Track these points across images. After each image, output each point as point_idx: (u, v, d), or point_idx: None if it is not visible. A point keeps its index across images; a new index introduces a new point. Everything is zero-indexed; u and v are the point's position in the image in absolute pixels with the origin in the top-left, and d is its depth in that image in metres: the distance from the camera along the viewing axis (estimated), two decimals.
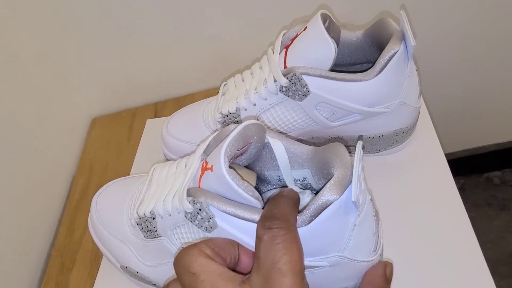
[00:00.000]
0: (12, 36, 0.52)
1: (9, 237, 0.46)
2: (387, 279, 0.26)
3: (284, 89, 0.36)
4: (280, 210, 0.24)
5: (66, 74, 0.61)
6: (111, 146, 0.59)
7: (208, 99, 0.46)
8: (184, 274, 0.22)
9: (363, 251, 0.27)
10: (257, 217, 0.24)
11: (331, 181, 0.24)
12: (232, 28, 0.59)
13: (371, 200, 0.27)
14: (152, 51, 0.61)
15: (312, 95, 0.35)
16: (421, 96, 0.41)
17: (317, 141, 0.42)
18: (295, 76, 0.35)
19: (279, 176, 0.31)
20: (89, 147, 0.61)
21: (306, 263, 0.26)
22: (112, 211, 0.38)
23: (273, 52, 0.38)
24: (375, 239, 0.28)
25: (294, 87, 0.35)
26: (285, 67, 0.36)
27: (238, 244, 0.26)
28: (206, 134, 0.43)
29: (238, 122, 0.40)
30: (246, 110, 0.39)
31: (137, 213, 0.33)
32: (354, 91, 0.35)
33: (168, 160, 0.47)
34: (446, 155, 0.43)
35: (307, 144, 0.29)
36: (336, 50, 0.34)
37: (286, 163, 0.29)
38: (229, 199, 0.26)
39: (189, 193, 0.27)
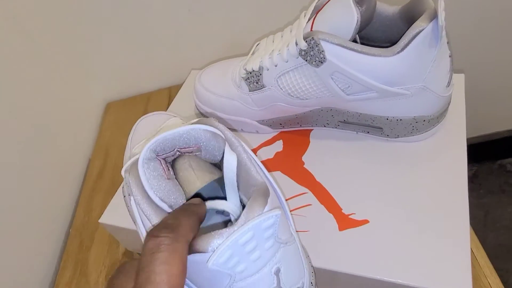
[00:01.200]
0: (30, 23, 0.55)
1: (29, 217, 0.49)
2: None
3: (303, 52, 0.36)
4: (174, 220, 0.22)
5: (81, 60, 0.65)
6: (126, 129, 0.61)
7: (241, 58, 0.47)
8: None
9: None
10: None
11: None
12: (248, 11, 0.58)
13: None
14: (165, 35, 0.63)
15: (328, 63, 0.35)
16: (453, 86, 0.39)
17: (335, 115, 0.42)
18: (314, 41, 0.35)
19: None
20: (104, 131, 0.64)
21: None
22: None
23: (304, 16, 0.38)
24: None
25: (312, 52, 0.35)
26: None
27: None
28: (232, 88, 0.44)
29: (259, 81, 0.41)
30: (268, 70, 0.40)
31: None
32: (372, 66, 0.34)
33: (199, 110, 0.50)
34: None
35: None
36: (359, 20, 0.33)
37: (232, 181, 0.27)
38: None
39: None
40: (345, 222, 0.36)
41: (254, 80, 0.42)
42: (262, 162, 0.43)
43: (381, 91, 0.36)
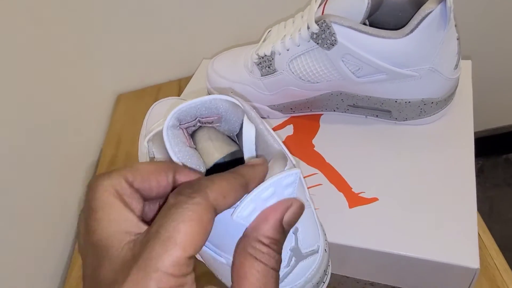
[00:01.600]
0: (42, 14, 0.56)
1: (42, 207, 0.51)
2: (284, 227, 0.22)
3: (314, 36, 0.37)
4: (209, 183, 0.19)
5: (91, 52, 0.66)
6: (137, 120, 0.61)
7: (253, 45, 0.49)
8: (84, 203, 0.20)
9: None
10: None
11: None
12: (256, 2, 0.59)
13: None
14: (175, 27, 0.64)
15: (339, 45, 0.36)
16: (461, 69, 0.40)
17: (344, 99, 0.43)
18: (325, 24, 0.36)
19: None
20: (115, 122, 0.66)
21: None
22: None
23: (316, 1, 0.39)
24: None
25: (323, 35, 0.37)
26: None
27: (175, 169, 0.22)
28: (244, 74, 0.46)
29: (271, 66, 0.43)
30: (280, 54, 0.42)
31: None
32: (382, 48, 0.35)
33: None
34: None
35: None
36: (369, 3, 0.34)
37: (251, 151, 0.27)
38: None
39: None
40: (355, 199, 0.38)
41: (266, 65, 0.43)
42: None
43: (390, 73, 0.37)
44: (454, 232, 0.33)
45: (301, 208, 0.23)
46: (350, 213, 0.37)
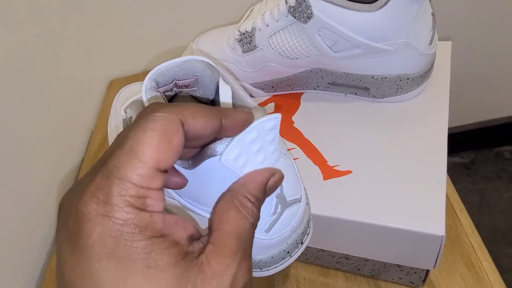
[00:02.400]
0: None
1: (31, 186, 0.51)
2: (266, 190, 0.23)
3: (291, 9, 0.38)
4: (182, 104, 0.20)
5: (85, 37, 0.67)
6: None
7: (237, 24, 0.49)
8: (61, 222, 0.18)
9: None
10: None
11: None
12: None
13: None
14: (168, 15, 0.65)
15: (315, 18, 0.37)
16: (436, 46, 0.40)
17: (324, 76, 0.44)
18: None
19: None
20: (107, 106, 0.68)
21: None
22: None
23: None
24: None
25: (300, 8, 0.37)
26: None
27: (222, 113, 0.21)
28: (226, 51, 0.46)
29: (251, 42, 0.43)
30: (260, 30, 0.42)
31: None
32: (357, 21, 0.36)
33: None
34: (456, 127, 0.42)
35: None
36: None
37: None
38: None
39: None
40: (329, 172, 0.38)
41: (247, 41, 0.44)
42: None
43: (366, 47, 0.37)
44: (423, 202, 0.34)
45: (281, 178, 0.25)
46: (324, 184, 0.37)
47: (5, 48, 0.50)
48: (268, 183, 0.23)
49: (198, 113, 0.19)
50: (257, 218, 0.22)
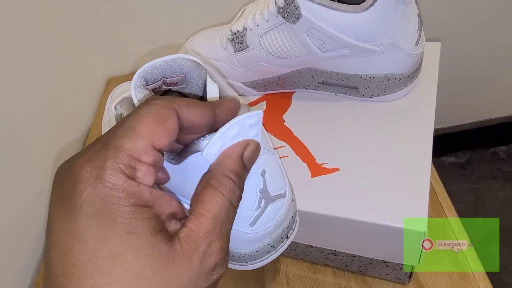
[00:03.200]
0: None
1: (29, 182, 0.52)
2: (244, 162, 0.23)
3: (281, 10, 0.39)
4: (179, 97, 0.22)
5: (83, 35, 0.68)
6: None
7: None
8: (56, 185, 0.19)
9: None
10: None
11: None
12: None
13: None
14: (166, 12, 0.65)
15: (303, 19, 0.38)
16: (423, 46, 0.41)
17: (314, 75, 0.44)
18: None
19: None
20: (104, 104, 0.68)
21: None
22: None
23: None
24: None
25: (288, 9, 0.38)
26: None
27: (214, 105, 0.23)
28: (219, 50, 0.47)
29: (243, 41, 0.44)
30: (251, 30, 0.43)
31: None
32: (344, 22, 0.37)
33: None
34: (452, 127, 0.42)
35: None
36: None
37: None
38: None
39: None
40: (317, 169, 0.39)
41: (238, 40, 0.44)
42: None
43: (353, 47, 0.38)
44: (407, 199, 0.35)
45: (257, 147, 0.25)
46: (312, 181, 0.38)
47: (2, 46, 0.51)
48: (244, 155, 0.23)
49: (191, 104, 0.21)
50: (238, 196, 0.22)
